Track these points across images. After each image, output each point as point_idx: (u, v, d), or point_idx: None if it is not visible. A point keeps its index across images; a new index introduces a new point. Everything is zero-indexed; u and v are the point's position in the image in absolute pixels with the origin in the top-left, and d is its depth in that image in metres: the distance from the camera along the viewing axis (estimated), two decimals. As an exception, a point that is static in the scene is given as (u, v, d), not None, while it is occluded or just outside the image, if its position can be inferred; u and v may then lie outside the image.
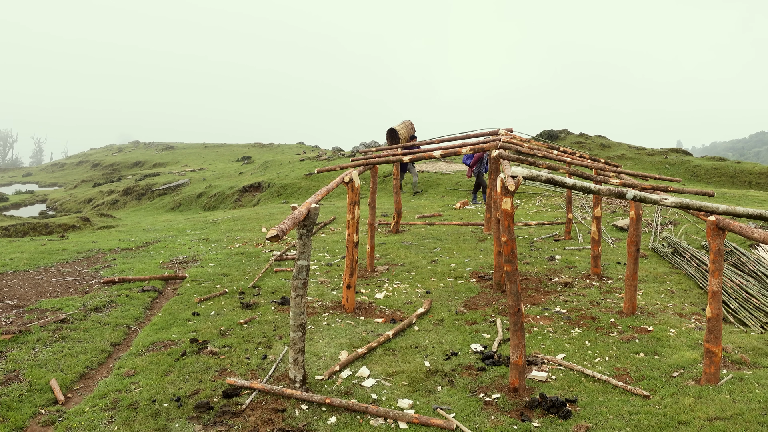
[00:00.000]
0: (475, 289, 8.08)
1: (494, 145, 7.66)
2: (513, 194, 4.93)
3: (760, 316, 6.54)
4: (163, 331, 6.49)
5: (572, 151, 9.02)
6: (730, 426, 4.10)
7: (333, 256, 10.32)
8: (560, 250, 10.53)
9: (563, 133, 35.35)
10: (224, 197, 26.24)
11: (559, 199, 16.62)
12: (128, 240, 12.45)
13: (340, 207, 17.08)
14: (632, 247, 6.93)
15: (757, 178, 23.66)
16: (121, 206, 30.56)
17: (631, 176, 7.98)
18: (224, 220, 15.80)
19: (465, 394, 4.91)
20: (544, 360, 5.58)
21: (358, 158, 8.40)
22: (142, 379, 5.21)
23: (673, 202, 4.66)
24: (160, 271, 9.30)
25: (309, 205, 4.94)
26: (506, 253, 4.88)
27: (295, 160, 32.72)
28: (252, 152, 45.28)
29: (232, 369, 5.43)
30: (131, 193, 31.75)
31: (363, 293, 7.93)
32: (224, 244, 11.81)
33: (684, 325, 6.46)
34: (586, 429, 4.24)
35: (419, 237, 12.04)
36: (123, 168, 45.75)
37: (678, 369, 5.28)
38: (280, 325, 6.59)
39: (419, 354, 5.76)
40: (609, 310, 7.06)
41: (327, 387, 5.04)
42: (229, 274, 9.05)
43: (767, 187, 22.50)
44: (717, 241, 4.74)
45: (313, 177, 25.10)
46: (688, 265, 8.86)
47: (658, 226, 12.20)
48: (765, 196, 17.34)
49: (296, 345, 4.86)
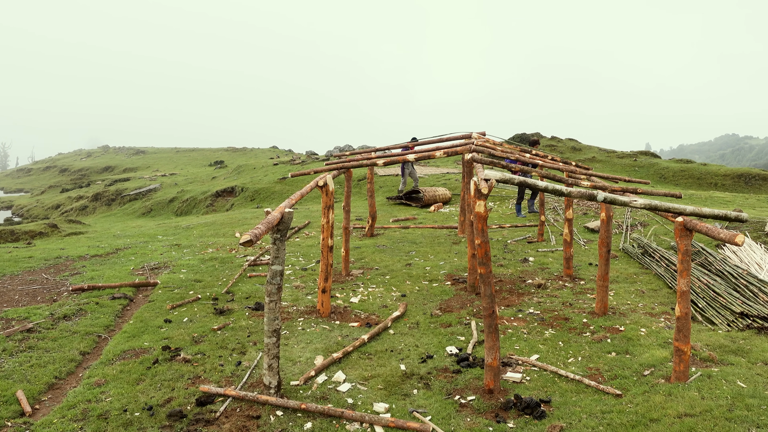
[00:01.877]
0: (450, 292, 8.12)
1: (467, 149, 7.72)
2: (486, 197, 4.97)
3: (726, 315, 6.69)
4: (134, 338, 6.37)
5: (544, 154, 9.13)
6: (699, 422, 4.19)
7: (308, 260, 10.27)
8: (533, 252, 10.65)
9: (535, 136, 35.79)
10: (197, 202, 25.92)
11: (532, 201, 16.80)
12: (98, 246, 12.21)
13: (314, 211, 17.01)
14: (603, 249, 7.04)
15: (722, 180, 24.28)
16: (91, 212, 29.97)
17: (602, 179, 8.12)
18: (197, 226, 15.61)
19: (441, 396, 4.92)
20: (519, 361, 5.62)
21: (333, 162, 8.38)
22: (112, 389, 5.11)
23: (643, 203, 4.75)
24: (131, 277, 9.14)
25: (283, 209, 4.90)
26: (480, 255, 4.91)
27: (268, 165, 32.51)
28: (225, 156, 44.85)
29: (205, 376, 5.36)
30: (101, 199, 31.16)
31: (338, 297, 7.90)
32: (197, 249, 11.66)
33: (654, 324, 6.58)
34: (560, 429, 4.28)
35: (394, 240, 12.05)
36: (92, 173, 44.89)
37: (649, 367, 5.37)
38: (255, 331, 6.53)
39: (395, 357, 5.76)
40: (581, 310, 7.16)
41: (302, 392, 5.00)
42: (202, 279, 8.94)
43: (732, 189, 23.10)
44: (685, 242, 4.84)
45: (287, 181, 24.97)
46: (657, 266, 9.04)
47: (629, 227, 12.43)
48: (730, 197, 17.80)
49: (271, 351, 4.82)
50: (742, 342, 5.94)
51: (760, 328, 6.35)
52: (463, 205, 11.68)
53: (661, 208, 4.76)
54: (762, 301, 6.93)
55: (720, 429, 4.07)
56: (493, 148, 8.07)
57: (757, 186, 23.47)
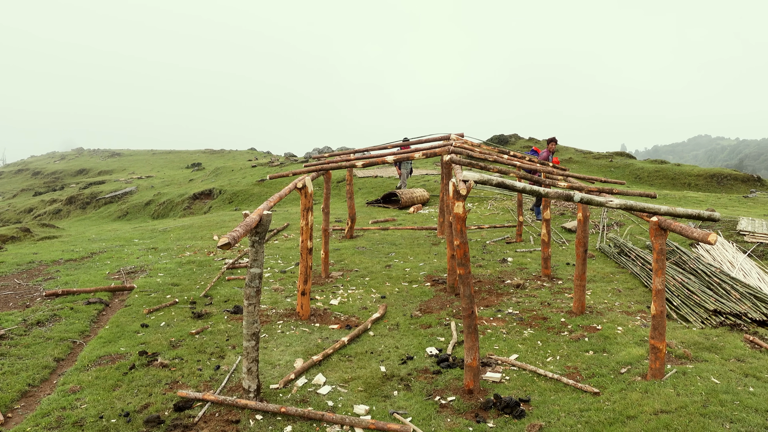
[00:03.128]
0: (430, 293, 8.14)
1: (446, 150, 7.75)
2: (465, 198, 4.99)
3: (700, 312, 6.82)
4: (110, 344, 6.27)
5: (522, 156, 9.21)
6: (674, 419, 4.25)
7: (287, 263, 10.22)
8: (512, 253, 10.73)
9: (513, 137, 36.10)
10: (174, 205, 25.62)
11: (510, 202, 16.95)
12: (72, 251, 11.99)
13: (293, 213, 16.93)
14: (580, 248, 7.12)
15: (695, 180, 24.73)
16: (65, 216, 29.43)
17: (579, 179, 8.21)
18: (174, 229, 15.43)
19: (421, 397, 4.92)
20: (498, 361, 5.66)
21: (311, 164, 8.35)
22: (88, 395, 5.02)
23: (618, 203, 4.81)
24: (107, 282, 9.00)
25: (261, 211, 4.87)
26: (459, 256, 4.93)
27: (246, 167, 32.27)
28: (202, 159, 44.42)
29: (183, 381, 5.29)
30: (75, 202, 30.63)
31: (318, 300, 7.87)
32: (174, 253, 11.53)
33: (630, 322, 6.67)
34: (540, 427, 4.32)
35: (373, 242, 12.04)
36: (66, 176, 44.10)
37: (625, 365, 5.44)
38: (233, 335, 6.47)
39: (375, 359, 5.76)
40: (559, 310, 7.23)
41: (282, 396, 4.97)
42: (180, 283, 8.83)
43: (705, 188, 23.55)
44: (659, 241, 4.92)
45: (265, 183, 24.80)
46: (633, 265, 9.17)
47: (605, 227, 12.59)
48: (703, 196, 18.13)
49: (250, 354, 4.78)
50: (715, 339, 6.06)
51: (732, 325, 6.48)
52: (442, 207, 11.73)
53: (637, 208, 4.83)
54: (734, 299, 7.07)
55: (695, 425, 4.14)
56: (471, 150, 8.11)
57: (728, 186, 23.96)
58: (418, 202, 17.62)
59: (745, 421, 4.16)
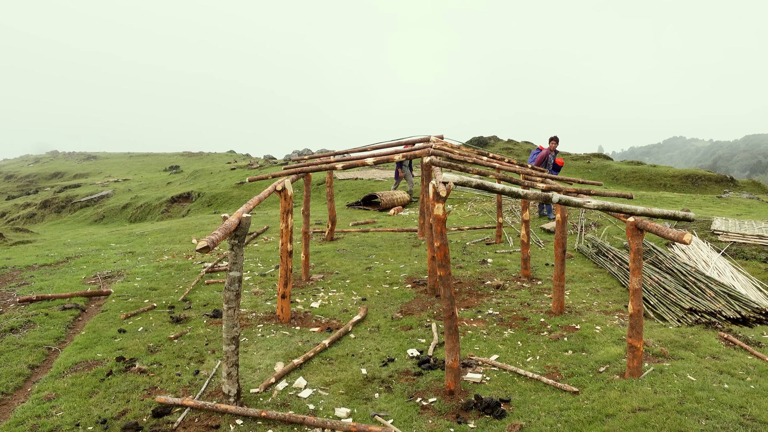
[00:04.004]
0: (411, 295, 8.15)
1: (426, 152, 7.77)
2: (445, 200, 5.01)
3: (676, 311, 6.93)
4: (86, 350, 6.17)
5: (501, 157, 9.28)
6: (652, 416, 4.31)
7: (267, 266, 10.15)
8: (492, 254, 10.79)
9: (492, 139, 36.37)
10: (151, 208, 25.32)
11: (490, 203, 17.06)
12: (47, 255, 11.77)
13: (273, 216, 16.83)
14: (559, 249, 7.19)
15: (671, 181, 25.14)
16: (39, 220, 28.90)
17: (557, 180, 8.29)
18: (152, 232, 15.24)
19: (402, 399, 4.93)
20: (479, 362, 5.68)
21: (291, 166, 8.32)
22: (64, 403, 4.93)
23: (596, 204, 4.87)
24: (83, 287, 8.85)
25: (240, 214, 4.84)
26: (440, 258, 4.95)
27: (225, 169, 32.02)
28: (180, 161, 43.97)
29: (162, 387, 5.22)
30: (50, 206, 30.09)
31: (298, 303, 7.83)
32: (152, 256, 11.38)
33: (608, 322, 6.75)
34: (520, 427, 4.35)
35: (354, 244, 12.03)
36: (40, 179, 43.31)
37: (604, 364, 5.51)
38: (213, 339, 6.41)
39: (356, 362, 5.74)
40: (539, 310, 7.29)
41: (263, 400, 4.93)
42: (158, 287, 8.73)
43: (680, 189, 23.95)
44: (636, 241, 4.99)
45: (244, 186, 24.64)
46: (611, 265, 9.29)
47: (583, 228, 12.73)
48: (678, 197, 18.45)
49: (230, 358, 4.74)
50: (691, 337, 6.16)
51: (707, 323, 6.59)
52: (423, 208, 11.75)
53: (614, 209, 4.90)
54: (709, 297, 7.20)
55: (672, 422, 4.20)
56: (451, 152, 8.15)
57: (703, 186, 24.40)
58: (399, 204, 17.65)
59: (720, 417, 4.23)
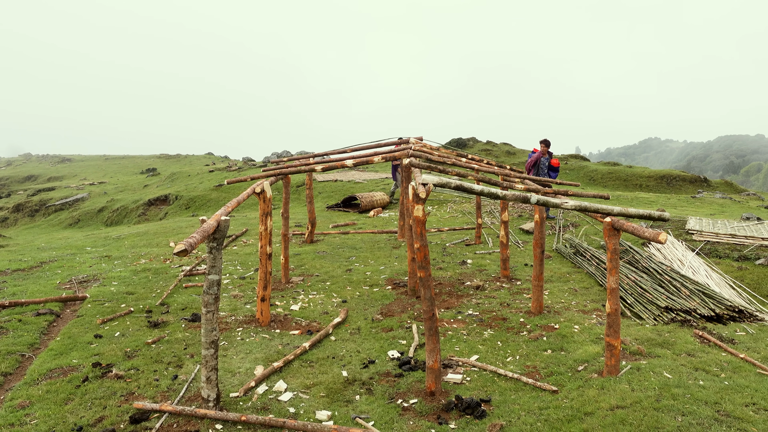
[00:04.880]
0: (391, 296, 8.15)
1: (405, 154, 7.79)
2: (424, 201, 5.02)
3: (653, 309, 7.03)
4: (61, 356, 6.05)
5: (480, 159, 9.34)
6: (630, 413, 4.37)
7: (246, 269, 10.08)
8: (471, 255, 10.85)
9: (471, 140, 36.59)
10: (128, 211, 24.98)
11: (469, 205, 17.15)
12: (20, 260, 11.54)
13: (252, 219, 16.72)
14: (538, 249, 7.26)
15: (646, 181, 25.53)
16: (12, 224, 28.33)
17: (535, 182, 8.37)
18: (128, 236, 15.02)
19: (383, 401, 4.92)
20: (459, 362, 5.70)
21: (270, 168, 8.27)
22: (38, 410, 4.83)
23: (573, 205, 4.92)
24: (58, 292, 8.69)
25: (219, 217, 4.79)
26: (419, 259, 4.95)
27: (204, 172, 31.73)
28: (158, 164, 43.48)
29: (139, 392, 5.15)
30: (23, 210, 29.51)
31: (278, 305, 7.78)
32: (129, 260, 11.22)
33: (587, 321, 6.83)
34: (500, 427, 4.37)
35: (334, 246, 12.00)
36: (13, 183, 42.43)
37: (582, 363, 5.57)
38: (192, 343, 6.34)
39: (337, 364, 5.73)
40: (518, 310, 7.34)
41: (242, 404, 4.89)
42: (135, 292, 8.60)
43: (656, 189, 24.34)
44: (613, 241, 5.05)
45: (223, 188, 24.44)
46: (588, 264, 9.40)
47: (561, 228, 12.86)
48: (654, 197, 18.74)
49: (209, 363, 4.69)
50: (667, 335, 6.26)
51: (683, 321, 6.70)
52: (402, 210, 11.77)
53: (591, 209, 4.95)
54: (684, 296, 7.32)
55: (649, 419, 4.26)
56: (430, 153, 8.18)
57: (678, 186, 24.82)
58: (378, 206, 17.65)
59: (696, 413, 4.30)
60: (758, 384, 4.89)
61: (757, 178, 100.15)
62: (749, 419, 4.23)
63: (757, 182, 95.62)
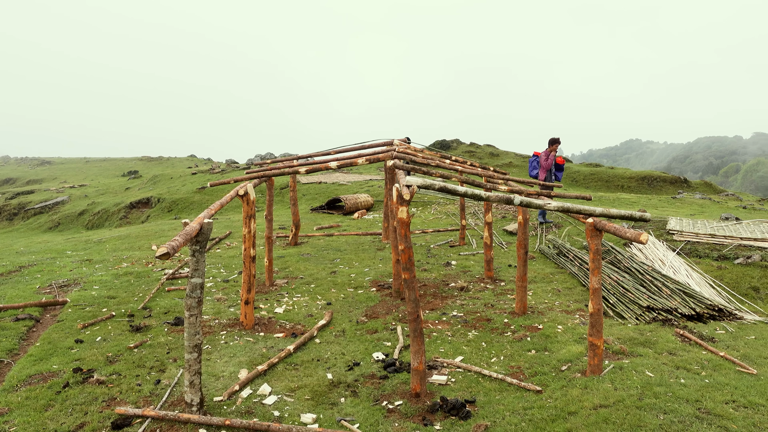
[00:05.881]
0: (376, 298, 8.14)
1: (389, 156, 7.80)
2: (409, 203, 5.03)
3: (635, 309, 7.11)
4: (41, 362, 5.96)
5: (464, 160, 9.38)
6: (613, 412, 4.41)
7: (230, 272, 10.01)
8: (456, 256, 10.88)
9: (455, 142, 36.72)
10: (109, 215, 24.69)
11: (453, 206, 17.21)
12: (-1, 265, 11.35)
13: (235, 221, 16.62)
14: (521, 250, 7.30)
15: (628, 182, 25.82)
16: (-10, 228, 27.84)
17: (518, 183, 8.42)
18: (110, 239, 14.85)
19: (368, 403, 4.91)
20: (444, 363, 5.72)
21: (253, 171, 8.22)
22: (17, 417, 4.75)
23: (556, 206, 4.96)
24: (37, 296, 8.56)
25: (202, 220, 4.75)
26: (404, 261, 4.96)
27: (186, 174, 31.48)
28: (140, 166, 43.07)
29: (121, 397, 5.09)
30: (1, 214, 29.05)
31: (262, 308, 7.74)
32: (110, 264, 11.09)
33: (570, 321, 6.88)
34: (485, 427, 4.39)
35: (318, 248, 11.97)
36: (-9, 186, 41.75)
37: (566, 363, 5.61)
38: (175, 347, 6.28)
39: (321, 367, 5.71)
40: (502, 311, 7.38)
41: (226, 408, 4.85)
42: (117, 296, 8.50)
43: (637, 190, 24.62)
44: (595, 241, 5.10)
45: (206, 191, 24.26)
46: (571, 265, 9.48)
47: (544, 229, 12.95)
48: (635, 198, 18.95)
49: (192, 367, 4.65)
50: (649, 334, 6.33)
51: (664, 320, 6.79)
52: (387, 212, 11.78)
53: (573, 210, 5.00)
54: (665, 295, 7.41)
55: (632, 417, 4.30)
56: (414, 155, 8.20)
57: (658, 187, 25.14)
58: (363, 208, 17.64)
59: (677, 411, 4.36)
60: (737, 381, 4.97)
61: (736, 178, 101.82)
62: (729, 416, 4.29)
63: (736, 183, 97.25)
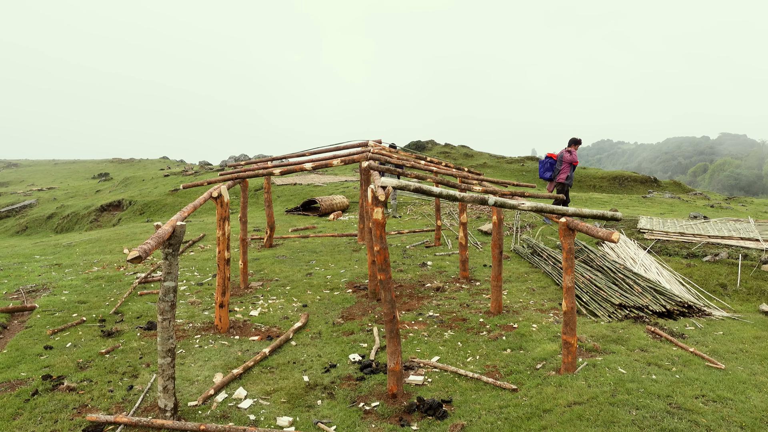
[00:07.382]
0: (352, 300, 8.13)
1: (364, 157, 7.79)
2: (384, 204, 5.03)
3: (607, 307, 7.22)
4: (8, 369, 5.81)
5: (438, 161, 9.42)
6: (587, 409, 4.47)
7: (204, 274, 9.89)
8: (431, 257, 10.92)
9: (430, 143, 36.86)
10: (79, 218, 24.21)
11: (429, 207, 17.27)
12: (-37, 270, 11.03)
13: (209, 223, 16.43)
14: (496, 250, 7.36)
15: (600, 182, 26.22)
16: (-46, 232, 27.05)
17: (492, 183, 8.50)
18: (80, 243, 14.56)
19: (345, 405, 4.90)
20: (421, 364, 5.73)
21: (227, 172, 8.14)
22: (-16, 427, 4.62)
23: (530, 206, 5.02)
24: (4, 302, 8.34)
25: (174, 222, 4.69)
26: (380, 262, 4.96)
27: (158, 176, 31.03)
28: (110, 168, 42.33)
29: (93, 404, 4.99)
30: (-34, 218, 28.22)
31: (237, 311, 7.67)
32: (80, 268, 10.87)
33: (544, 319, 6.96)
34: (462, 427, 4.41)
35: (294, 250, 11.90)
36: (-45, 189, 40.58)
37: (541, 361, 5.67)
38: (147, 352, 6.18)
39: (297, 369, 5.67)
40: (478, 310, 7.43)
41: (201, 413, 4.79)
42: (87, 300, 8.33)
43: (609, 190, 25.02)
44: (568, 241, 5.17)
45: (179, 193, 23.94)
46: (545, 264, 9.58)
47: (518, 229, 13.08)
48: (607, 197, 19.26)
49: (165, 371, 4.58)
50: (621, 331, 6.43)
51: (636, 317, 6.91)
52: (362, 213, 11.77)
53: (547, 210, 5.05)
54: (637, 293, 7.54)
55: (605, 413, 4.36)
56: (389, 156, 8.21)
57: (629, 187, 25.59)
58: (338, 209, 17.60)
59: (649, 407, 4.44)
60: (707, 376, 5.08)
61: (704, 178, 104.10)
62: (699, 411, 4.38)
63: (704, 182, 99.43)
